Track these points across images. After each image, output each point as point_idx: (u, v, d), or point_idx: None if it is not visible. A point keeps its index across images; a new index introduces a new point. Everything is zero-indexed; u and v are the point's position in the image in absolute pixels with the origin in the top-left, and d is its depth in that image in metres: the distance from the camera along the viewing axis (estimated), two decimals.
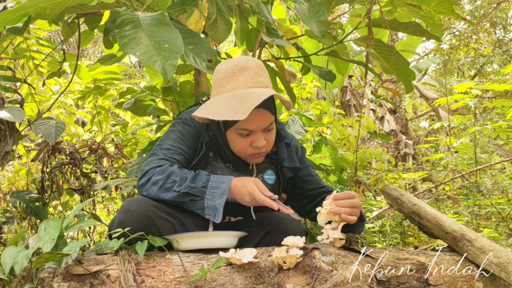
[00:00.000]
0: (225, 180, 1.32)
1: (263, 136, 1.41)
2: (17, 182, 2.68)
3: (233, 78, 1.37)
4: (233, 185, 1.32)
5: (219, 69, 1.40)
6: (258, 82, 1.37)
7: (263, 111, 1.37)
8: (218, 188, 1.31)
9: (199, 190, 1.31)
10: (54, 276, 1.10)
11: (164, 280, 1.14)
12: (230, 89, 1.36)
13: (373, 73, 2.10)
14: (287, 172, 1.55)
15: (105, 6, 1.67)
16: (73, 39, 3.10)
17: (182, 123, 1.49)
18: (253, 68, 1.38)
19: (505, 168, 4.13)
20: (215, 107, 1.34)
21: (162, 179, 1.33)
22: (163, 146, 1.44)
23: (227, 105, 1.31)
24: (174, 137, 1.46)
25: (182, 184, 1.31)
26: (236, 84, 1.36)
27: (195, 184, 1.31)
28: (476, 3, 8.92)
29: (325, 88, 6.55)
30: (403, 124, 6.59)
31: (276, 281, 1.18)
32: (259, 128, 1.39)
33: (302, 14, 1.88)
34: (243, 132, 1.39)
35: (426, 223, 1.50)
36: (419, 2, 1.87)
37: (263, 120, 1.38)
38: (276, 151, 1.54)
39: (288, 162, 1.54)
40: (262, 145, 1.40)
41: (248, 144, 1.41)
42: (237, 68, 1.37)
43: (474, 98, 3.19)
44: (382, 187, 1.78)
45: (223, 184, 1.31)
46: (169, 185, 1.32)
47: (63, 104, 2.82)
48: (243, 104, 1.29)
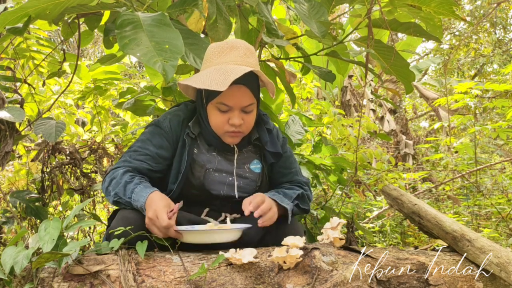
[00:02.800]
0: (144, 194, 1.31)
1: (241, 116, 1.42)
2: (17, 182, 2.68)
3: (221, 54, 1.41)
4: (148, 199, 1.29)
5: (211, 46, 1.45)
6: (245, 61, 1.40)
7: (244, 89, 1.39)
8: (138, 201, 1.31)
9: (125, 201, 1.34)
10: (54, 276, 1.10)
11: (164, 280, 1.14)
12: (216, 64, 1.40)
13: (373, 73, 2.10)
14: (269, 158, 1.55)
15: (105, 6, 1.67)
16: (73, 39, 3.10)
17: (153, 125, 1.51)
18: (243, 49, 1.42)
19: (505, 168, 4.13)
20: (199, 77, 1.38)
21: (107, 181, 1.40)
22: (131, 149, 1.48)
23: (210, 77, 1.34)
24: (143, 139, 1.49)
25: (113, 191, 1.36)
26: (223, 60, 1.40)
27: (124, 193, 1.34)
28: (476, 3, 8.92)
29: (325, 88, 6.55)
30: (403, 124, 6.59)
31: (276, 281, 1.18)
32: (238, 105, 1.41)
33: (302, 14, 1.88)
34: (222, 107, 1.41)
35: (426, 223, 1.50)
36: (419, 3, 1.87)
37: (243, 97, 1.40)
38: (258, 137, 1.55)
39: (271, 146, 1.55)
40: (238, 123, 1.41)
41: (225, 120, 1.42)
42: (227, 46, 1.42)
43: (474, 98, 3.19)
44: (382, 187, 1.78)
45: (141, 197, 1.31)
46: (109, 189, 1.38)
47: (63, 104, 2.81)
48: (225, 76, 1.32)
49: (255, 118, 1.49)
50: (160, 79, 2.38)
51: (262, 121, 1.56)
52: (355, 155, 2.50)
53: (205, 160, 1.49)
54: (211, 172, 1.49)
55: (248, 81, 1.39)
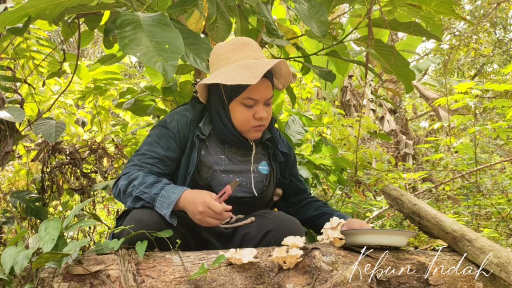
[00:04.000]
0: (177, 191, 1.30)
1: (264, 109, 1.45)
2: (17, 182, 2.68)
3: (236, 51, 1.44)
4: (183, 196, 1.29)
5: (219, 45, 1.47)
6: (260, 55, 1.45)
7: (267, 82, 1.44)
8: (168, 197, 1.28)
9: (150, 196, 1.30)
10: (54, 276, 1.10)
11: (164, 280, 1.14)
12: (235, 60, 1.42)
13: (373, 73, 2.10)
14: (280, 156, 1.58)
15: (105, 7, 1.67)
16: (73, 39, 3.10)
17: (160, 127, 1.50)
18: (253, 45, 1.47)
19: (505, 168, 4.12)
20: (225, 74, 1.38)
21: (125, 184, 1.36)
22: (139, 152, 1.47)
23: (236, 72, 1.36)
24: (150, 141, 1.47)
25: (138, 188, 1.32)
26: (241, 56, 1.43)
27: (149, 189, 1.31)
28: (476, 3, 8.91)
29: (325, 88, 6.55)
30: (403, 124, 6.59)
31: (276, 281, 1.18)
32: (263, 98, 1.44)
33: (302, 14, 1.88)
34: (248, 102, 1.43)
35: (426, 223, 1.50)
36: (419, 2, 1.87)
37: (267, 90, 1.44)
38: (271, 137, 1.58)
39: (281, 146, 1.59)
40: (265, 116, 1.44)
41: (251, 115, 1.44)
42: (239, 43, 1.45)
43: (474, 98, 3.19)
44: (382, 187, 1.78)
45: (173, 194, 1.29)
46: (130, 190, 1.34)
47: (63, 104, 2.81)
48: (252, 71, 1.34)
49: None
50: (160, 79, 2.38)
51: (272, 119, 1.58)
52: (355, 155, 2.50)
53: (213, 162, 1.49)
54: (218, 173, 1.49)
55: (268, 74, 1.43)
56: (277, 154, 1.58)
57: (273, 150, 1.59)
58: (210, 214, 1.26)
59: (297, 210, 1.67)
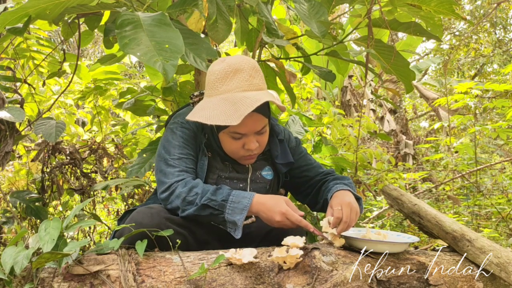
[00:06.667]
0: (247, 195, 1.30)
1: (255, 139, 1.40)
2: (17, 182, 2.68)
3: (226, 80, 1.34)
4: (255, 201, 1.29)
5: (213, 69, 1.38)
6: (252, 84, 1.34)
7: (256, 115, 1.35)
8: (239, 203, 1.28)
9: (219, 203, 1.29)
10: (54, 276, 1.10)
11: (164, 280, 1.14)
12: (223, 92, 1.34)
13: (373, 73, 2.10)
14: (281, 168, 1.56)
15: (105, 7, 1.67)
16: (73, 39, 3.10)
17: (180, 128, 1.48)
18: (247, 70, 1.35)
19: (505, 168, 4.12)
20: (208, 110, 1.32)
21: (184, 191, 1.32)
22: (174, 156, 1.42)
23: (220, 109, 1.29)
24: (179, 144, 1.44)
25: (203, 196, 1.30)
26: (230, 86, 1.33)
27: (215, 197, 1.29)
28: (476, 3, 8.92)
29: (325, 88, 6.55)
30: (403, 124, 6.59)
31: (276, 281, 1.18)
32: (252, 132, 1.38)
33: (302, 14, 1.88)
34: (236, 136, 1.38)
35: (426, 223, 1.50)
36: (419, 2, 1.87)
37: (256, 123, 1.37)
38: (268, 149, 1.55)
39: (281, 158, 1.55)
40: (254, 147, 1.39)
41: (240, 146, 1.40)
42: (231, 69, 1.34)
43: (474, 98, 3.19)
44: (382, 187, 1.78)
45: (244, 199, 1.29)
46: (192, 198, 1.31)
47: (63, 104, 2.82)
48: (236, 108, 1.27)
49: (268, 133, 1.48)
50: (160, 79, 2.38)
51: (274, 133, 1.55)
52: (355, 155, 2.50)
53: (219, 168, 1.49)
54: (223, 179, 1.50)
55: (258, 106, 1.31)
56: (278, 167, 1.56)
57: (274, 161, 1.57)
58: (287, 224, 1.28)
59: (310, 201, 1.65)
